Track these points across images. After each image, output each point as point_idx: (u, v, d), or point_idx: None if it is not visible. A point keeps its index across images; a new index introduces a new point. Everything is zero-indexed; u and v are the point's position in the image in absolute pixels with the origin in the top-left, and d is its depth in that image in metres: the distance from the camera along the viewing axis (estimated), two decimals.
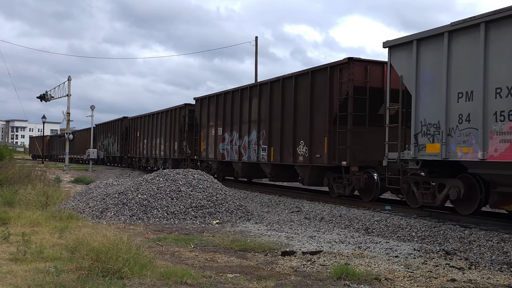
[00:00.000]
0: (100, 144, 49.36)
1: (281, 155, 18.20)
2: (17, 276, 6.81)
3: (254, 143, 20.02)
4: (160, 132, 31.70)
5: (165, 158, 30.71)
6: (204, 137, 24.90)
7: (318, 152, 16.22)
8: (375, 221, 12.55)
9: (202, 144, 25.19)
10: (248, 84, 21.26)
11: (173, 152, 29.12)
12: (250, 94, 20.60)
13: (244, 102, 20.99)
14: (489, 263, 8.57)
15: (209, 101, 24.51)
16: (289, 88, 17.93)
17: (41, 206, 13.55)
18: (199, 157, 25.59)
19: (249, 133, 20.50)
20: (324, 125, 15.97)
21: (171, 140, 29.54)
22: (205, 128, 24.75)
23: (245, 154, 20.77)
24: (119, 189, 14.32)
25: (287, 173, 19.02)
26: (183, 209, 13.28)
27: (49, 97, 43.62)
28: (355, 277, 7.24)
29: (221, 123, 22.95)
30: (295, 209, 15.58)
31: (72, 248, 8.19)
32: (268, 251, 9.26)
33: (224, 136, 22.62)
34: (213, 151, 23.71)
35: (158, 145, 31.99)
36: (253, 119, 20.26)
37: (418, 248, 9.82)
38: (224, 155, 22.59)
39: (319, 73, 16.50)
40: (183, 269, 7.33)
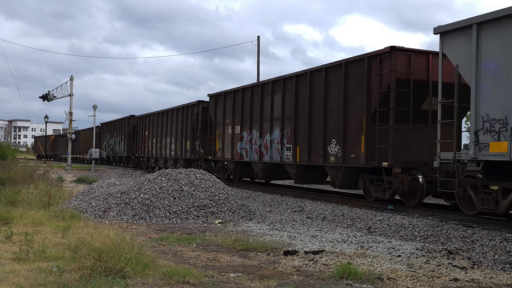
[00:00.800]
0: (105, 144, 47.79)
1: (309, 155, 16.85)
2: (20, 276, 6.82)
3: (277, 142, 18.67)
4: (171, 131, 30.32)
5: (176, 158, 29.43)
6: (220, 136, 23.41)
7: (353, 152, 14.88)
8: (378, 221, 12.54)
9: (217, 144, 23.68)
10: (270, 79, 19.58)
11: (185, 152, 27.78)
12: (272, 89, 19.18)
13: (266, 98, 19.62)
14: (492, 263, 8.56)
15: (225, 97, 22.98)
16: (318, 82, 16.51)
17: (43, 206, 13.57)
18: (214, 157, 24.15)
19: (271, 131, 19.12)
20: (360, 122, 14.67)
21: (183, 139, 28.20)
22: (221, 126, 23.26)
23: (266, 154, 19.41)
24: (121, 188, 14.34)
25: (314, 174, 17.92)
26: (186, 209, 13.29)
27: (51, 97, 43.68)
28: (357, 276, 7.24)
29: (239, 121, 21.51)
30: (298, 208, 15.57)
31: (74, 248, 8.20)
32: (271, 251, 9.25)
33: (243, 135, 21.22)
34: (230, 150, 22.21)
35: (168, 144, 30.65)
36: (276, 116, 18.90)
37: (421, 248, 9.81)
38: (243, 155, 21.20)
39: (355, 64, 15.05)
40: (185, 269, 7.34)
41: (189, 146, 27.06)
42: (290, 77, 18.16)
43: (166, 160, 31.19)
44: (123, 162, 43.06)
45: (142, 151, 36.30)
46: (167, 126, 31.08)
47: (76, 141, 57.06)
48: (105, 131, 48.20)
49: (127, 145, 39.91)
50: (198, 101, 26.73)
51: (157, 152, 32.82)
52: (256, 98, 20.33)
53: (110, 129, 46.07)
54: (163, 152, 31.46)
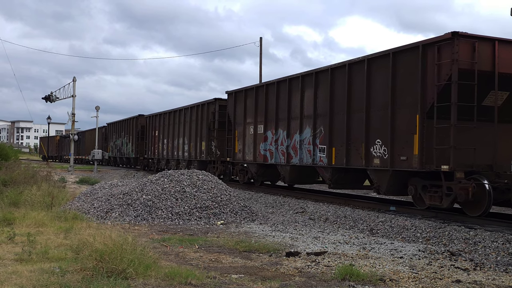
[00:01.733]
0: (112, 144, 46.17)
1: (347, 157, 15.13)
2: (22, 277, 6.83)
3: (308, 143, 16.96)
4: (184, 131, 28.52)
5: (189, 160, 27.60)
6: (240, 136, 21.71)
7: (403, 154, 13.10)
8: (380, 222, 12.53)
9: (236, 144, 22.00)
10: (299, 73, 17.81)
11: (200, 153, 26.06)
12: (302, 84, 17.39)
13: (294, 94, 17.88)
14: (494, 264, 8.55)
15: (246, 94, 21.22)
16: (359, 75, 14.79)
17: (46, 207, 13.59)
18: (233, 159, 22.40)
19: (300, 130, 17.38)
20: (412, 119, 12.91)
21: (197, 140, 26.44)
22: (241, 125, 21.54)
23: (295, 155, 17.68)
24: (124, 189, 14.35)
25: (353, 178, 16.25)
26: (188, 210, 13.29)
27: (54, 98, 43.78)
28: (359, 278, 7.23)
29: (263, 120, 19.78)
30: (300, 209, 15.57)
31: (77, 249, 8.21)
32: (273, 252, 9.25)
33: (267, 135, 19.57)
34: (252, 152, 20.49)
35: (181, 145, 28.88)
36: (307, 114, 17.15)
37: (423, 249, 9.80)
38: (267, 156, 19.56)
39: (406, 54, 13.31)
40: (187, 270, 7.34)
41: (205, 147, 25.41)
42: (323, 70, 16.47)
43: (178, 162, 29.59)
44: (131, 164, 41.65)
45: (152, 152, 34.67)
46: (179, 126, 29.37)
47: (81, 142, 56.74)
48: (111, 132, 46.67)
49: (136, 146, 38.27)
50: (215, 98, 24.92)
51: (168, 153, 31.21)
52: (282, 94, 18.63)
53: (117, 129, 44.47)
54: (175, 154, 29.87)
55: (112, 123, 46.83)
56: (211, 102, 25.10)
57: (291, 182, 19.41)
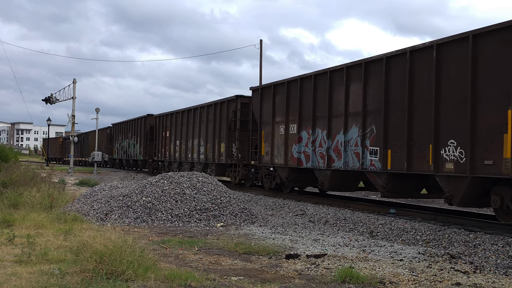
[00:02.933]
0: (118, 146, 44.01)
1: (408, 161, 12.88)
2: (22, 278, 6.83)
3: (355, 144, 14.81)
4: (199, 131, 26.49)
5: (206, 163, 25.68)
6: (267, 137, 19.58)
7: (488, 157, 10.89)
8: (380, 225, 12.52)
9: (263, 146, 19.85)
10: (343, 64, 15.61)
11: (218, 156, 24.03)
12: (346, 77, 15.24)
13: (336, 89, 15.76)
14: (494, 267, 8.54)
15: (275, 90, 19.17)
16: (425, 64, 12.64)
17: (45, 208, 13.59)
18: (260, 162, 20.27)
19: (345, 130, 15.23)
20: (502, 115, 10.62)
21: (216, 141, 24.42)
22: (269, 125, 19.44)
23: (337, 158, 15.55)
24: (123, 191, 14.35)
25: (413, 185, 14.13)
26: (188, 212, 13.29)
27: (54, 99, 43.79)
28: (359, 280, 7.23)
29: (296, 118, 17.69)
30: (300, 212, 15.57)
31: (76, 250, 8.21)
32: (273, 254, 9.25)
33: (301, 135, 17.40)
34: (282, 154, 18.41)
35: (196, 147, 26.87)
36: (353, 110, 15.03)
37: (423, 252, 9.79)
38: (301, 159, 17.36)
39: (491, 36, 11.03)
40: (187, 272, 7.34)
41: (224, 149, 23.34)
42: (376, 60, 14.27)
43: (192, 165, 27.56)
44: (138, 167, 39.66)
45: (162, 155, 32.61)
46: (194, 126, 27.32)
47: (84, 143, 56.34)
48: (117, 132, 44.54)
49: (144, 147, 36.07)
50: (236, 96, 22.93)
51: (181, 155, 29.15)
52: (321, 89, 16.47)
53: (124, 130, 42.24)
54: (189, 156, 27.82)
55: (118, 124, 45.00)
56: (232, 100, 23.15)
57: (331, 188, 17.16)
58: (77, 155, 60.26)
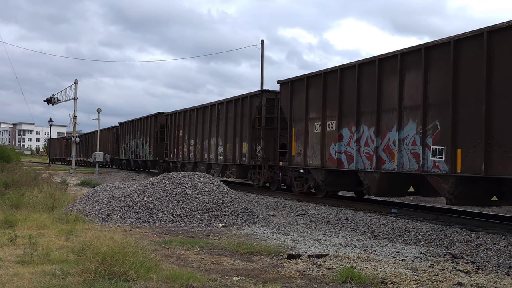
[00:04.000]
0: (125, 146, 41.99)
1: (487, 162, 10.87)
2: (24, 279, 6.84)
3: (412, 143, 12.89)
4: (217, 130, 24.62)
5: (225, 164, 23.90)
6: (299, 135, 17.80)
7: None
8: (381, 224, 12.52)
9: (294, 146, 18.07)
10: (395, 51, 13.63)
11: (240, 156, 22.21)
12: (401, 65, 13.35)
13: (387, 79, 13.86)
14: (496, 267, 8.54)
15: (309, 83, 17.32)
16: (508, 47, 10.60)
17: (47, 209, 13.60)
18: (290, 163, 18.43)
19: (399, 126, 13.29)
20: None
21: (236, 140, 22.60)
22: (301, 122, 17.60)
23: (389, 159, 13.60)
24: (125, 192, 14.36)
25: (483, 191, 12.18)
26: (189, 212, 13.30)
27: (56, 100, 43.85)
28: (361, 280, 7.23)
29: (335, 114, 15.82)
30: (301, 212, 15.57)
31: (78, 251, 8.21)
32: (274, 254, 9.25)
33: (342, 133, 15.51)
34: (318, 155, 16.55)
35: (213, 147, 25.06)
36: (409, 104, 13.10)
37: (425, 252, 9.79)
38: (342, 161, 15.48)
39: None
40: (189, 272, 7.34)
41: (247, 149, 21.50)
42: (440, 44, 12.36)
43: (209, 166, 25.76)
44: (147, 168, 37.22)
45: (174, 155, 30.68)
46: (211, 124, 25.38)
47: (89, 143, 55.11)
48: (124, 132, 42.43)
49: (154, 147, 34.09)
50: (261, 90, 21.25)
51: (196, 156, 27.32)
52: (367, 80, 14.64)
53: (132, 129, 40.08)
54: (205, 157, 26.00)
55: (125, 123, 42.89)
56: (256, 95, 21.27)
57: (380, 193, 14.96)
58: (82, 156, 59.42)
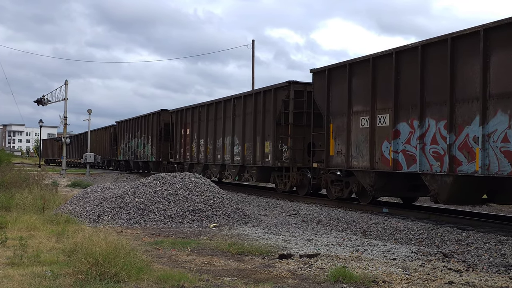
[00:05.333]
0: (124, 146, 39.43)
1: None
2: (14, 281, 6.79)
3: (503, 139, 10.57)
4: (233, 127, 22.27)
5: (242, 166, 21.50)
6: (339, 131, 15.42)
7: None
8: (373, 224, 12.55)
9: (332, 144, 15.73)
10: (475, 27, 11.28)
11: (262, 157, 19.76)
12: (484, 43, 10.99)
13: (465, 62, 11.58)
14: (487, 266, 8.58)
15: (352, 71, 14.95)
16: None
17: (38, 210, 13.53)
18: (327, 164, 15.97)
19: (483, 120, 10.98)
20: None
21: (257, 139, 20.22)
22: (342, 116, 15.28)
23: (468, 160, 11.32)
24: (116, 192, 14.31)
25: None
26: (180, 213, 13.27)
27: (46, 101, 43.63)
28: (352, 280, 7.24)
29: (389, 106, 13.50)
30: (293, 212, 15.58)
31: (69, 252, 8.17)
32: (266, 254, 9.25)
33: (398, 129, 13.22)
34: (365, 154, 14.25)
35: (228, 147, 22.65)
36: (497, 91, 10.79)
37: (416, 251, 9.82)
38: (398, 161, 13.10)
39: None
40: (180, 273, 7.32)
41: (270, 148, 19.21)
42: None
43: (223, 168, 23.60)
44: (149, 169, 34.29)
45: (181, 156, 28.27)
46: (225, 121, 23.08)
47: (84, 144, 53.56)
48: (123, 131, 39.84)
49: (157, 148, 31.62)
50: (288, 82, 18.72)
51: (206, 157, 24.90)
52: (435, 64, 12.40)
53: (131, 128, 37.50)
54: (218, 158, 23.67)
55: (123, 122, 40.30)
56: (283, 87, 18.92)
57: (452, 200, 12.62)
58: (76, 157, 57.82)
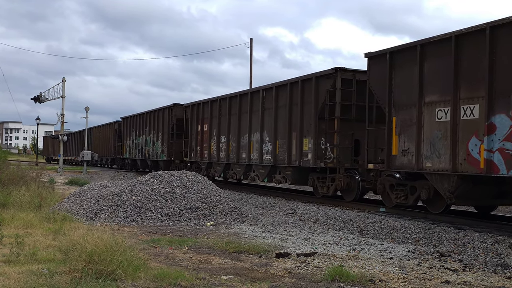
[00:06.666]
0: (130, 144, 36.73)
1: None
2: (10, 278, 6.78)
3: None
4: (261, 122, 19.68)
5: (273, 166, 18.98)
6: (405, 126, 12.97)
7: None
8: (370, 223, 12.55)
9: (395, 142, 13.31)
10: None
11: (299, 156, 17.25)
12: None
13: None
14: (483, 265, 8.59)
15: (424, 52, 12.47)
16: None
17: (35, 208, 13.50)
18: (389, 165, 13.43)
19: None
20: None
21: (293, 135, 17.74)
22: (410, 108, 12.82)
23: None
24: (113, 190, 14.29)
25: None
26: (178, 211, 13.25)
27: (43, 98, 43.58)
28: (349, 279, 7.24)
29: (480, 95, 11.05)
30: (290, 211, 15.57)
31: (65, 250, 8.15)
32: (263, 253, 9.24)
33: (494, 122, 10.74)
34: (444, 154, 11.83)
35: (255, 144, 20.10)
36: None
37: (413, 250, 9.83)
38: (493, 163, 10.68)
39: None
40: (177, 271, 7.31)
41: (311, 146, 16.77)
42: None
43: (248, 167, 20.97)
44: (159, 169, 29.40)
45: (198, 155, 25.64)
46: (252, 116, 20.52)
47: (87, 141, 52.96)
48: (129, 127, 37.25)
49: (168, 145, 29.06)
50: (335, 69, 16.05)
51: (228, 156, 22.28)
52: None
53: (139, 124, 34.92)
54: (243, 156, 21.08)
55: (130, 117, 37.57)
56: (327, 75, 16.35)
57: None
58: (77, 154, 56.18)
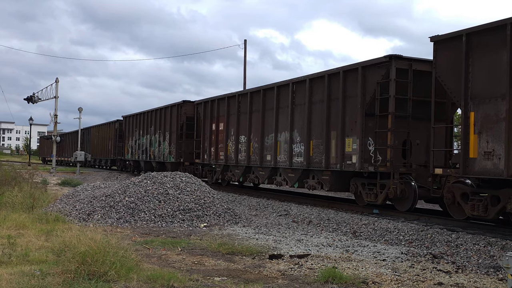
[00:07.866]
0: (133, 144, 34.24)
1: None
2: (2, 279, 6.73)
3: None
4: (291, 120, 17.38)
5: (306, 169, 16.70)
6: (488, 123, 10.54)
7: None
8: (363, 225, 12.57)
9: (473, 142, 10.76)
10: None
11: (341, 158, 14.98)
12: None
13: None
14: (476, 267, 8.61)
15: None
16: None
17: (27, 209, 13.44)
18: (465, 170, 10.90)
19: None
20: None
21: (332, 134, 15.47)
22: (495, 101, 10.40)
23: None
24: (106, 191, 14.25)
25: None
26: (171, 212, 13.23)
27: (36, 99, 43.44)
28: (342, 280, 7.25)
29: None
30: (283, 212, 15.57)
31: (58, 251, 8.12)
32: (256, 255, 9.24)
33: None
34: None
35: (283, 144, 17.86)
36: None
37: (406, 252, 9.84)
38: None
39: None
40: (170, 272, 7.30)
41: (356, 147, 14.50)
42: None
43: (274, 171, 18.80)
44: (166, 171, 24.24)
45: (212, 156, 23.15)
46: (278, 113, 18.22)
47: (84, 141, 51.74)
48: (131, 127, 34.72)
49: (176, 146, 26.60)
50: (389, 56, 13.73)
51: (249, 158, 20.02)
52: None
53: (142, 123, 32.44)
54: (268, 158, 18.80)
55: (132, 116, 34.94)
56: (378, 64, 14.08)
57: None
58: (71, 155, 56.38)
